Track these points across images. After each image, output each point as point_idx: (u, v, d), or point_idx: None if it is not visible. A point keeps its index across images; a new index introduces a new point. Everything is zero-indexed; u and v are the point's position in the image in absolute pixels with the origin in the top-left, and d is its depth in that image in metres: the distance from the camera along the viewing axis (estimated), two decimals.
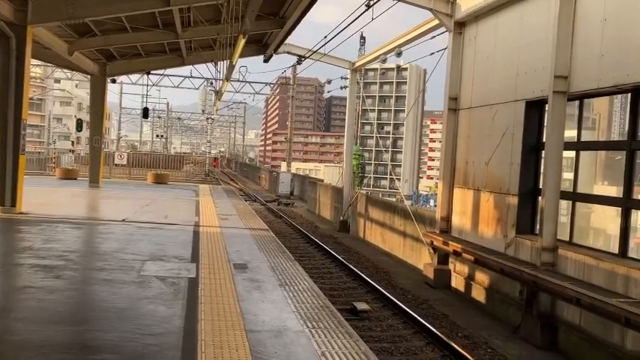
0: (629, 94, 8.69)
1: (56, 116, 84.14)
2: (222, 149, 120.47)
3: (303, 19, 14.27)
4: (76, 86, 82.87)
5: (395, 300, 11.19)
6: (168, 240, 9.62)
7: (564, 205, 10.29)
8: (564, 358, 9.05)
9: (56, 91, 77.56)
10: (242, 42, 9.74)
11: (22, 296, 5.82)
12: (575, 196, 9.86)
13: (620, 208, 8.68)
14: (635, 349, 7.83)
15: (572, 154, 10.06)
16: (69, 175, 22.98)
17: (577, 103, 9.99)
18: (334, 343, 4.90)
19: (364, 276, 13.30)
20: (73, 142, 52.93)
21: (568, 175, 10.43)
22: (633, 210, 8.68)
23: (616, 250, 8.70)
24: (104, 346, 4.57)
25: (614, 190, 10.59)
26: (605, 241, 11.35)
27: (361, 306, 10.51)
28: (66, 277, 6.62)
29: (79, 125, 36.72)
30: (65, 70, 37.93)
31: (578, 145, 9.95)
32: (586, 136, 12.74)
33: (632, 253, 8.63)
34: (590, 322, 8.64)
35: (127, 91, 65.93)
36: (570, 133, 10.03)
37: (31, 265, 7.06)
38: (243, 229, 11.65)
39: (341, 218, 23.47)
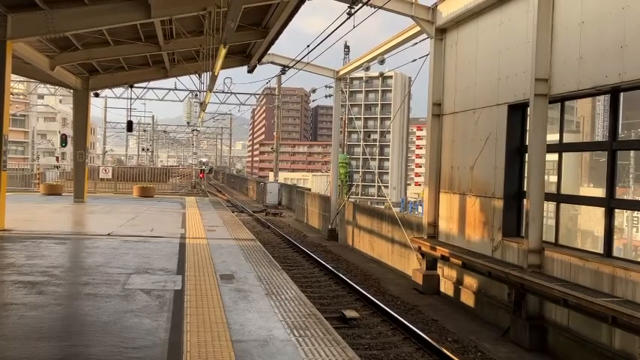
0: (609, 96, 8.80)
1: (40, 132, 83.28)
2: (204, 159, 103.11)
3: (287, 29, 14.34)
4: (60, 102, 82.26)
5: (384, 307, 11.17)
6: (153, 253, 9.52)
7: (550, 207, 10.37)
8: (554, 359, 9.07)
9: (40, 107, 76.91)
10: (223, 52, 9.73)
11: (3, 313, 5.70)
12: (560, 198, 9.94)
13: (604, 209, 8.75)
14: (622, 348, 7.87)
15: (556, 156, 10.15)
16: (53, 191, 22.73)
17: (558, 105, 10.09)
18: (321, 351, 4.86)
19: (353, 284, 13.28)
20: (57, 157, 52.50)
21: (553, 178, 10.51)
22: (617, 210, 8.77)
23: (601, 250, 8.77)
24: None
25: (600, 192, 10.69)
26: (590, 242, 11.44)
27: (350, 314, 10.48)
28: (49, 293, 6.52)
29: (64, 141, 36.42)
30: (48, 86, 37.70)
31: (561, 147, 10.03)
32: (570, 139, 12.87)
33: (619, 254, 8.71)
34: (579, 323, 8.68)
35: (111, 105, 65.69)
36: (554, 137, 10.12)
37: (14, 282, 6.95)
38: (229, 239, 11.58)
39: (329, 227, 23.44)
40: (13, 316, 5.57)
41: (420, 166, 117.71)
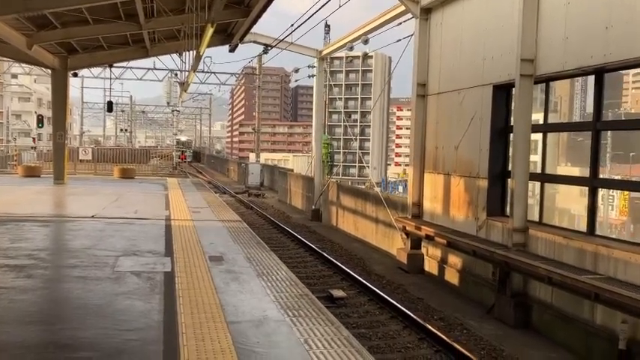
0: (593, 76, 8.89)
1: (15, 113, 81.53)
2: (183, 138, 79.35)
3: (270, 8, 14.15)
4: (35, 81, 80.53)
5: (370, 286, 11.27)
6: (140, 235, 9.47)
7: (533, 187, 10.50)
8: (538, 336, 9.27)
9: (14, 87, 75.22)
10: (210, 31, 9.58)
11: None
12: (544, 177, 10.07)
13: (587, 188, 8.90)
14: (604, 324, 8.06)
15: (539, 136, 10.26)
16: (32, 173, 22.35)
17: (543, 85, 10.16)
18: (316, 331, 4.90)
19: (339, 263, 13.36)
20: (34, 138, 51.59)
21: (534, 158, 10.63)
22: (599, 189, 8.92)
23: (584, 229, 8.93)
24: (82, 343, 4.47)
25: (577, 171, 10.85)
26: (572, 221, 11.64)
27: (337, 293, 10.56)
28: (38, 276, 6.46)
29: (40, 121, 35.78)
30: (23, 65, 36.82)
31: (546, 127, 10.13)
32: (549, 119, 13.02)
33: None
34: (562, 300, 8.86)
35: (87, 85, 64.49)
36: (536, 117, 10.21)
37: (0, 266, 6.86)
38: (215, 221, 11.54)
39: (313, 207, 23.46)
40: (4, 300, 5.50)
41: (400, 147, 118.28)
